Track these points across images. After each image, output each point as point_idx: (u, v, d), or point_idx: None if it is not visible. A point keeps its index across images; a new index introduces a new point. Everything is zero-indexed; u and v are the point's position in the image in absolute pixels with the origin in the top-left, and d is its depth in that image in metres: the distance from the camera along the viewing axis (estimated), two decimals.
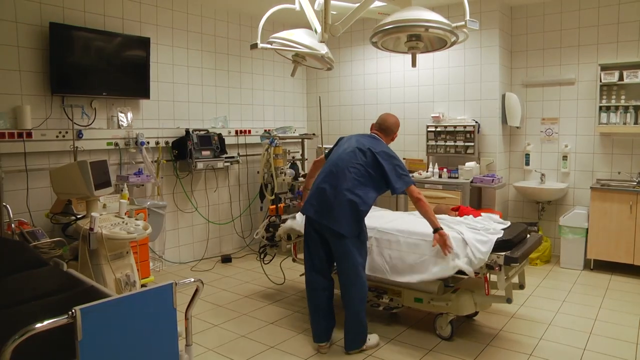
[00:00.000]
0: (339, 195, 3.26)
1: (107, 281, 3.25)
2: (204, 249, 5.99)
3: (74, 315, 1.77)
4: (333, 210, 3.25)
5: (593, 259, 5.27)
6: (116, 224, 3.45)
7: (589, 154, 5.67)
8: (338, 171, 3.34)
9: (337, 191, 3.27)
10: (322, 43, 3.60)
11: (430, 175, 5.88)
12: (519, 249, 3.35)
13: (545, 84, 5.88)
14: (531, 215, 6.05)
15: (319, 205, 3.31)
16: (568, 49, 5.71)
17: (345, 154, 3.41)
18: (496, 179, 5.54)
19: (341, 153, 3.44)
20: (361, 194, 3.28)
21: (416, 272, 3.46)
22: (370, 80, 6.82)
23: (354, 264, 3.31)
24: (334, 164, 3.39)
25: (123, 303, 1.97)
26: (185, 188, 5.71)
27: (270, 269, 5.14)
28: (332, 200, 3.27)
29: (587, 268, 5.33)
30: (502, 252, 3.25)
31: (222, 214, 6.23)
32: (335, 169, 3.36)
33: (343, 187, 3.27)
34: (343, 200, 3.25)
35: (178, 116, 5.65)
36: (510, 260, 3.24)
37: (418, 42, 3.39)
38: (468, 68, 5.96)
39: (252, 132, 6.42)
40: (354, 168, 3.33)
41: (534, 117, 6.00)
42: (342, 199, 3.25)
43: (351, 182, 3.28)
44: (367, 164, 3.35)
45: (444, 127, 5.97)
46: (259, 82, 6.67)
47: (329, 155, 3.60)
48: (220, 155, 5.72)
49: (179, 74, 5.66)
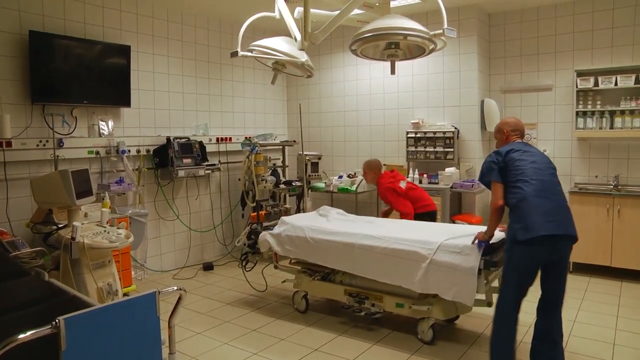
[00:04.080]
0: (562, 200, 3.01)
1: (89, 290, 3.22)
2: (186, 257, 5.96)
3: (58, 326, 1.76)
4: (567, 214, 2.97)
5: (572, 261, 5.36)
6: (98, 233, 3.42)
7: (567, 158, 5.78)
8: (548, 180, 3.03)
9: (560, 196, 3.01)
10: (302, 51, 3.61)
11: (411, 181, 5.88)
12: (498, 253, 3.39)
13: (524, 89, 5.99)
14: None
15: (554, 217, 2.90)
16: (545, 56, 5.84)
17: (542, 164, 3.09)
18: (476, 184, 5.60)
19: (537, 165, 3.07)
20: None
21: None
22: (350, 87, 6.86)
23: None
24: (540, 178, 2.99)
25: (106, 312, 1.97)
26: (166, 196, 5.68)
27: (252, 276, 5.11)
28: (562, 205, 2.98)
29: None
30: (482, 257, 3.29)
31: (203, 222, 6.20)
32: (546, 182, 3.01)
33: (559, 190, 3.04)
34: (566, 203, 3.02)
35: (159, 124, 5.63)
36: (490, 264, 3.28)
37: (397, 50, 3.43)
38: (447, 75, 6.04)
39: (233, 139, 6.41)
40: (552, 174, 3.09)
41: None
42: (565, 202, 3.02)
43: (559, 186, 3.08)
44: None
45: (424, 133, 6.03)
46: (239, 89, 6.68)
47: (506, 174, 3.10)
48: (201, 163, 5.71)
49: (160, 81, 5.64)
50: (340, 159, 7.07)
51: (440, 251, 3.41)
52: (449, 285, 3.35)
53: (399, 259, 3.56)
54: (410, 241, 3.57)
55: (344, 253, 3.85)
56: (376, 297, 3.86)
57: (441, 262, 3.38)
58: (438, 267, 3.39)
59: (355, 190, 6.11)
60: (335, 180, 6.34)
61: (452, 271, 3.33)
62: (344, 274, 4.05)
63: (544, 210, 2.88)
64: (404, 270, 3.55)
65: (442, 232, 3.80)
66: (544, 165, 3.08)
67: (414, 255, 3.50)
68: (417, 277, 3.47)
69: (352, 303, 3.99)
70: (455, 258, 3.34)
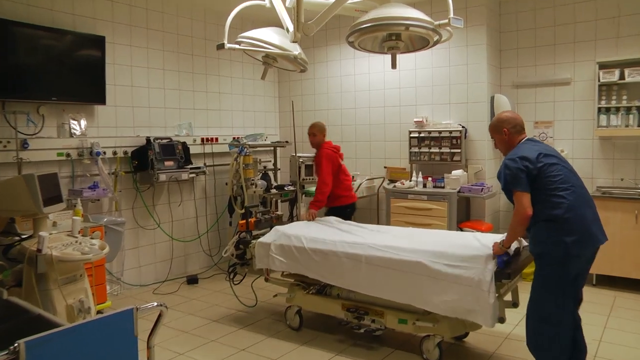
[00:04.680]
0: (594, 206, 3.14)
1: (57, 309, 3.16)
2: (168, 270, 5.93)
3: (17, 350, 1.70)
4: (599, 221, 3.12)
5: (595, 274, 5.32)
6: (68, 244, 3.37)
7: (588, 159, 5.76)
8: (581, 184, 3.15)
9: (591, 202, 3.14)
10: (294, 43, 3.60)
11: (414, 185, 5.91)
12: (511, 264, 3.37)
13: (538, 84, 5.98)
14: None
15: (599, 225, 3.08)
16: (563, 46, 5.82)
17: (568, 165, 3.18)
18: (485, 188, 5.59)
19: (568, 168, 3.17)
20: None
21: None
22: (348, 83, 6.85)
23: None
24: (577, 183, 3.11)
25: (76, 333, 1.92)
26: (146, 202, 5.66)
27: (240, 290, 5.08)
28: (596, 210, 3.14)
29: (589, 284, 5.33)
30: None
31: (187, 230, 6.18)
32: (581, 187, 3.14)
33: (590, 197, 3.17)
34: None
35: (138, 123, 5.60)
36: (502, 276, 3.26)
37: (398, 42, 3.42)
38: (453, 68, 6.04)
39: (219, 140, 6.39)
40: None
41: (526, 120, 5.91)
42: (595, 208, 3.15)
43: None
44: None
45: (428, 133, 6.02)
46: (226, 85, 6.66)
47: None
48: (184, 166, 5.69)
49: (139, 76, 5.61)
50: None
51: (445, 264, 3.41)
52: (461, 303, 3.33)
53: (406, 274, 3.55)
54: (419, 252, 3.57)
55: (338, 266, 3.86)
56: (377, 313, 3.84)
57: (446, 275, 3.37)
58: (447, 282, 3.38)
59: None
60: None
61: (460, 286, 3.32)
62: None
63: (591, 219, 3.03)
64: (406, 285, 3.54)
65: (447, 241, 3.79)
66: (570, 167, 3.15)
67: (418, 268, 3.49)
68: (426, 294, 3.47)
69: (350, 319, 3.97)
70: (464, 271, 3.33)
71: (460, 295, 3.32)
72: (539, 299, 3.09)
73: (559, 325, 3.01)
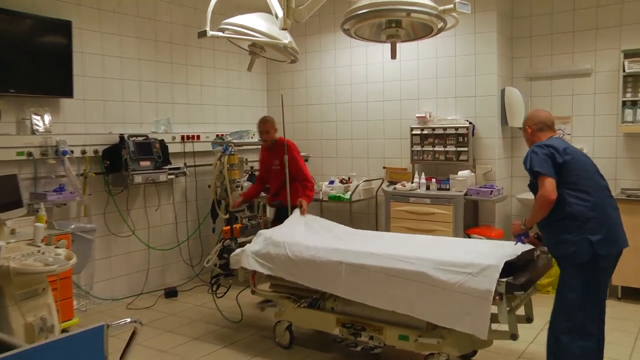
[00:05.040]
0: (617, 209, 3.34)
1: (14, 328, 3.11)
2: (143, 282, 5.89)
3: None
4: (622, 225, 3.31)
5: (620, 285, 5.29)
6: (29, 254, 3.33)
7: (611, 158, 5.74)
8: (605, 184, 3.38)
9: (615, 204, 3.34)
10: (284, 30, 3.60)
11: (416, 187, 5.90)
12: (524, 274, 3.35)
13: (555, 76, 5.97)
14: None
15: (621, 227, 3.28)
16: (583, 33, 5.79)
17: (593, 166, 3.42)
18: (495, 190, 5.59)
19: (594, 168, 3.41)
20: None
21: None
22: (343, 75, 6.84)
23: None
24: (603, 184, 3.36)
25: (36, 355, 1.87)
26: (119, 207, 5.62)
27: (224, 304, 5.06)
28: (619, 215, 3.32)
29: (613, 297, 5.28)
30: (504, 278, 3.25)
31: (165, 238, 6.15)
32: (606, 187, 3.38)
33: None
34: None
35: (110, 119, 5.57)
36: (514, 288, 3.23)
37: (398, 29, 3.41)
38: (460, 59, 6.02)
39: (201, 137, 6.39)
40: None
41: None
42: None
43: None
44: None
45: (432, 130, 6.02)
46: (209, 77, 6.64)
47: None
48: (162, 166, 5.69)
49: (111, 66, 5.57)
50: (331, 161, 7.05)
51: (449, 271, 3.40)
52: (461, 314, 3.32)
53: (406, 282, 3.54)
54: (416, 259, 3.56)
55: (333, 273, 3.85)
56: (375, 328, 3.83)
57: (450, 284, 3.36)
58: (447, 290, 3.37)
59: (350, 198, 6.10)
60: (325, 187, 6.35)
61: (464, 296, 3.31)
62: (336, 299, 4.04)
63: (616, 220, 3.22)
64: (407, 295, 3.54)
65: (452, 247, 3.81)
66: (596, 167, 3.37)
67: (419, 277, 3.48)
68: (421, 303, 3.47)
69: (346, 335, 3.96)
70: (468, 279, 3.32)
71: (460, 304, 3.33)
72: (564, 306, 3.20)
73: (588, 337, 3.11)
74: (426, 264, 3.50)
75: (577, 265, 3.14)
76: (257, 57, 4.16)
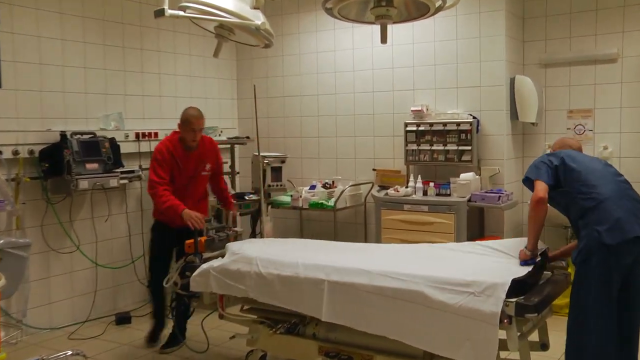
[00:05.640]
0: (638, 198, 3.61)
1: None
2: (90, 306, 5.85)
3: None
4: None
5: None
6: None
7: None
8: (622, 185, 3.62)
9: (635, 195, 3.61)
10: (256, 10, 3.62)
11: (411, 192, 5.90)
12: (537, 293, 3.34)
13: (574, 62, 5.99)
14: (556, 244, 6.03)
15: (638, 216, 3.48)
16: (607, 12, 5.81)
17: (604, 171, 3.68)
18: (504, 196, 5.59)
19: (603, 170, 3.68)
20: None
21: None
22: (326, 61, 6.85)
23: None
24: (611, 179, 3.61)
25: None
26: (60, 218, 5.59)
27: (187, 331, 5.09)
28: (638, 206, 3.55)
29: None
30: (513, 299, 3.22)
31: (117, 254, 6.11)
32: (620, 186, 3.61)
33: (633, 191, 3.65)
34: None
35: (49, 113, 5.53)
36: (525, 310, 3.20)
37: (389, 9, 3.43)
38: (462, 42, 6.04)
39: (159, 135, 6.34)
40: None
41: (557, 109, 6.12)
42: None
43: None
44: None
45: (430, 126, 6.02)
46: (168, 64, 6.64)
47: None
48: (113, 169, 5.68)
49: (49, 51, 5.53)
50: (312, 162, 7.05)
51: (447, 290, 3.38)
52: (462, 340, 3.30)
53: (398, 302, 3.53)
54: (409, 276, 3.55)
55: (314, 292, 3.83)
56: (363, 358, 3.81)
57: (449, 306, 3.33)
58: (446, 313, 3.35)
59: (334, 205, 6.09)
60: (306, 193, 6.34)
61: (465, 319, 3.29)
62: (317, 324, 4.02)
63: (628, 207, 3.42)
64: (400, 318, 3.53)
65: (453, 262, 3.83)
66: (608, 170, 3.67)
67: (413, 296, 3.46)
68: (415, 327, 3.46)
69: None
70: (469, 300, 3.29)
71: (461, 329, 3.32)
72: (574, 310, 3.49)
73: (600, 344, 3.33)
74: (421, 281, 3.48)
75: (584, 260, 3.42)
76: (225, 41, 4.17)
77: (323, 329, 4.00)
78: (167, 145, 4.96)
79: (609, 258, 3.33)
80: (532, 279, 3.47)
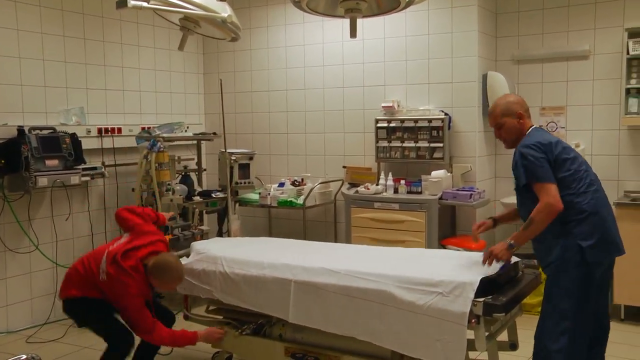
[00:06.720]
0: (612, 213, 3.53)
1: None
2: (50, 308, 5.78)
3: None
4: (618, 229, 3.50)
5: (624, 304, 5.35)
6: None
7: (612, 156, 5.84)
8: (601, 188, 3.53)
9: (611, 209, 3.52)
10: (222, 2, 3.64)
11: (382, 190, 5.92)
12: (506, 292, 3.37)
13: (547, 58, 6.05)
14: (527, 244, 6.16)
15: (618, 233, 3.46)
16: (580, 8, 5.87)
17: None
18: (476, 194, 5.63)
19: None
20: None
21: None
22: (295, 55, 6.85)
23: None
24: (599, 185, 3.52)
25: None
26: (18, 216, 5.54)
27: None
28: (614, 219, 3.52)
29: (615, 318, 5.29)
30: (481, 298, 3.25)
31: (78, 254, 5.91)
32: (601, 191, 3.52)
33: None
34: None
35: (5, 107, 5.49)
36: (493, 309, 3.23)
37: (359, 2, 3.44)
38: (434, 38, 6.06)
39: (123, 131, 6.35)
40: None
41: (529, 105, 6.00)
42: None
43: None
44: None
45: (401, 122, 6.03)
46: (132, 57, 6.60)
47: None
48: (75, 166, 5.66)
49: (4, 41, 5.48)
50: (280, 159, 7.06)
51: (415, 290, 3.41)
52: (431, 341, 3.32)
53: (367, 303, 3.55)
54: (377, 276, 3.57)
55: (281, 293, 3.86)
56: (330, 359, 3.83)
57: (418, 306, 3.36)
58: (414, 313, 3.37)
59: (303, 204, 6.10)
60: (275, 190, 6.35)
61: (433, 319, 3.31)
62: (284, 324, 4.04)
63: (612, 223, 3.39)
64: (368, 318, 3.54)
65: (423, 262, 3.84)
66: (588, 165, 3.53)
67: (381, 296, 3.49)
68: (384, 328, 3.47)
69: None
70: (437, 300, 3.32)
71: (429, 330, 3.35)
72: (547, 318, 3.39)
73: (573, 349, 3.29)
74: (389, 281, 3.50)
75: (563, 271, 3.35)
76: (191, 34, 4.15)
77: (290, 329, 4.03)
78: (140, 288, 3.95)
79: (590, 272, 3.32)
80: (501, 278, 3.50)
